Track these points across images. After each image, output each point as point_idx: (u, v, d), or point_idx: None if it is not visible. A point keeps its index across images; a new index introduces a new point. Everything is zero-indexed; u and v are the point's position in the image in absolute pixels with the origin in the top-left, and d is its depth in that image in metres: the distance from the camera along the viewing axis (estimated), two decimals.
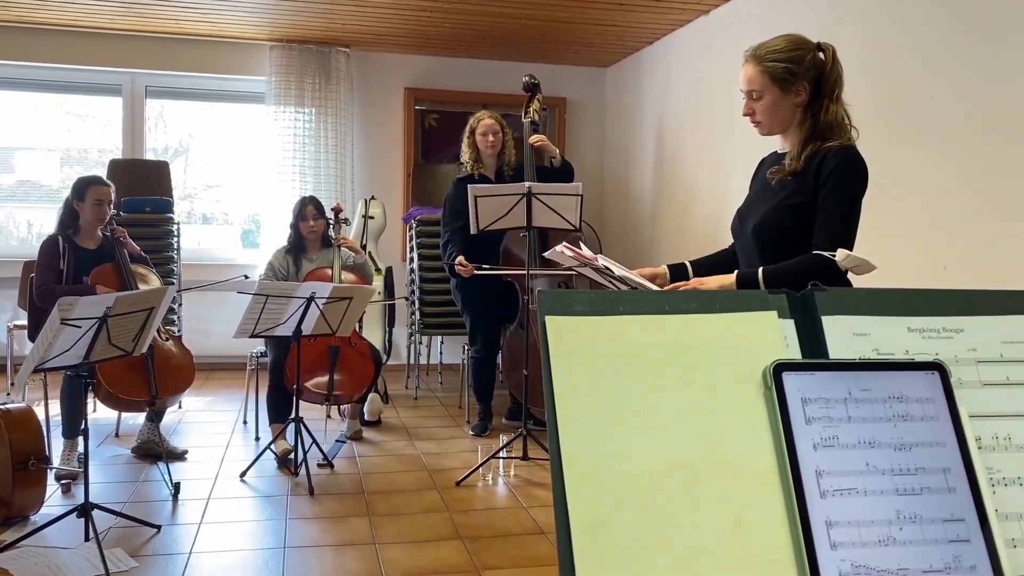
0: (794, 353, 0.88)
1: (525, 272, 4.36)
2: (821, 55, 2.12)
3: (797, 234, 2.11)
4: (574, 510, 0.78)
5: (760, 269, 2.07)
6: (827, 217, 2.07)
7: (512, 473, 4.10)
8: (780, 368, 0.84)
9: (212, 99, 6.74)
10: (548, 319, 0.87)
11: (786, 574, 0.77)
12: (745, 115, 2.20)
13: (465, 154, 4.75)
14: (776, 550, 0.78)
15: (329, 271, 4.50)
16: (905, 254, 3.59)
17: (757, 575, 0.77)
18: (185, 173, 7.00)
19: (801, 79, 2.09)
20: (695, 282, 2.19)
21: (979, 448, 0.85)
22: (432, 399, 5.80)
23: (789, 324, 0.89)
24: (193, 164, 7.05)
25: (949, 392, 0.86)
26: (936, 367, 0.86)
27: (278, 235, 5.49)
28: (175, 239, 5.62)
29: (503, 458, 4.26)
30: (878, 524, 0.79)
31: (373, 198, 5.98)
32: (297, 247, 4.65)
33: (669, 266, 2.35)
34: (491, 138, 4.65)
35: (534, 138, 4.73)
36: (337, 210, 4.72)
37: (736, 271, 2.13)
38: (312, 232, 4.61)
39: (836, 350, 0.88)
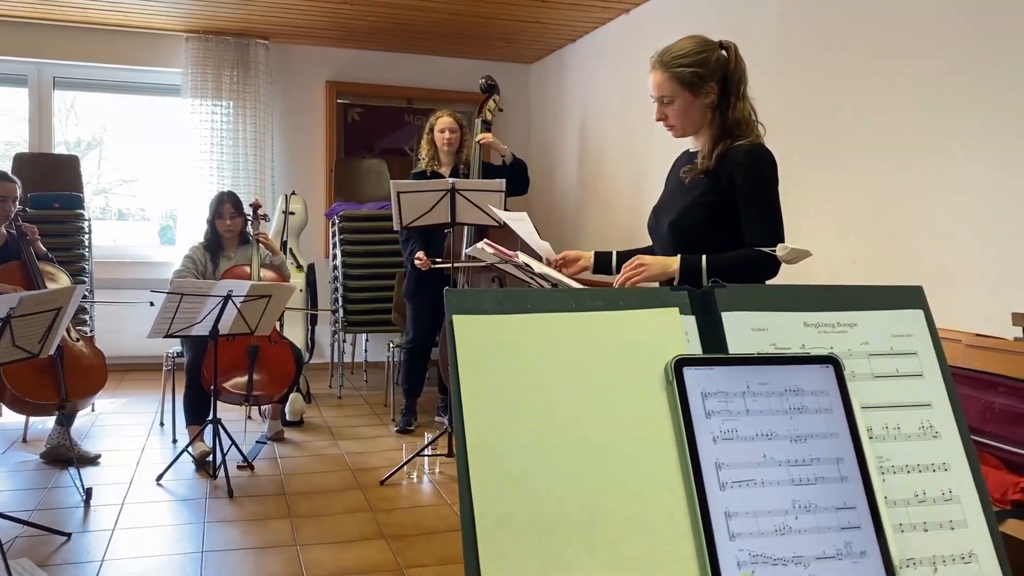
0: (695, 348, 0.90)
1: (467, 265, 4.42)
2: (724, 53, 2.16)
3: (711, 231, 2.15)
4: (479, 505, 0.79)
5: (703, 257, 2.08)
6: (756, 216, 2.11)
7: (437, 470, 4.09)
8: (681, 363, 0.86)
9: (126, 91, 6.51)
10: (455, 318, 0.87)
11: (687, 566, 0.79)
12: (658, 120, 2.23)
13: (422, 151, 4.85)
14: (677, 542, 0.80)
15: (247, 268, 4.40)
16: (816, 248, 3.70)
17: (659, 567, 0.79)
18: (99, 168, 6.76)
19: (709, 80, 2.12)
20: (637, 259, 2.14)
21: (870, 438, 0.88)
22: (356, 398, 5.74)
23: (690, 320, 0.91)
24: (107, 158, 6.81)
25: (843, 384, 0.89)
26: (830, 360, 0.90)
27: (196, 231, 5.33)
28: (86, 236, 5.43)
29: (428, 456, 4.25)
30: (775, 514, 0.82)
31: (294, 193, 5.87)
32: (214, 244, 4.52)
33: (596, 253, 2.38)
34: (447, 135, 4.75)
35: (480, 136, 4.93)
36: (256, 206, 4.61)
37: (679, 255, 2.11)
38: (229, 231, 4.48)
39: (735, 345, 0.90)
